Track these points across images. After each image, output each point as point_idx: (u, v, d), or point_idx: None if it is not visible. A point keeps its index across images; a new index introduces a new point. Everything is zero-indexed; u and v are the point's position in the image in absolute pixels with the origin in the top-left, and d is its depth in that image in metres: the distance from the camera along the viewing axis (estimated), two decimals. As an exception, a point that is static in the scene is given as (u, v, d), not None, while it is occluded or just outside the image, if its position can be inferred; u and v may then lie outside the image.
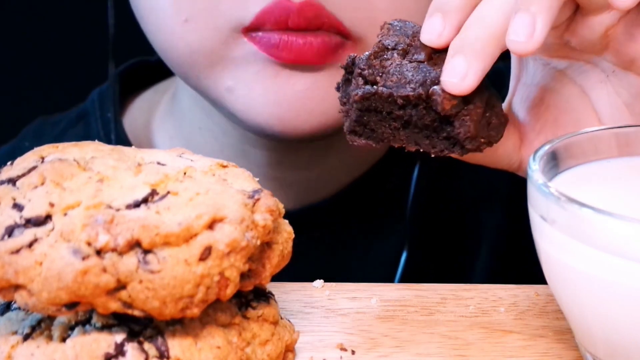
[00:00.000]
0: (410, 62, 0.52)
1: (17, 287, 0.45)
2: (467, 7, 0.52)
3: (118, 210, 0.45)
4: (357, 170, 0.80)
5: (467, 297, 0.57)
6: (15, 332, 0.47)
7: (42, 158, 0.49)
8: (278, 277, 0.50)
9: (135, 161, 0.50)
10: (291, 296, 0.57)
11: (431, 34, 0.52)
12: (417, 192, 0.82)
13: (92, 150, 0.50)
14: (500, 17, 0.51)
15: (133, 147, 0.52)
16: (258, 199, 0.48)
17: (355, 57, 0.53)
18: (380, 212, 0.82)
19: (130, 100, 0.86)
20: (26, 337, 0.46)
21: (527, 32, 0.49)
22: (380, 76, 0.52)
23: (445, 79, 0.50)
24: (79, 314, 0.47)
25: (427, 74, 0.51)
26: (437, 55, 0.52)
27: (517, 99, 0.60)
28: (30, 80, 1.25)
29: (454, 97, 0.51)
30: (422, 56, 0.52)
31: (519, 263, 0.75)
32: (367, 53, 0.53)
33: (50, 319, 0.47)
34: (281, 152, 0.76)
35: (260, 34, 0.65)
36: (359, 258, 0.82)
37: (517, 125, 0.59)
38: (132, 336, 0.46)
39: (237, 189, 0.48)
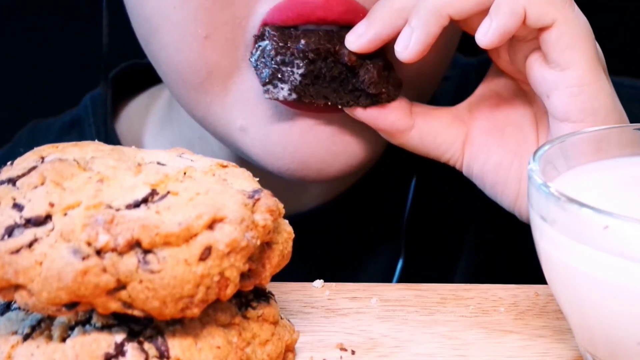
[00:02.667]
0: (317, 29, 0.61)
1: (17, 287, 0.45)
2: None
3: (118, 210, 0.45)
4: (355, 175, 0.80)
5: (467, 297, 0.57)
6: (15, 332, 0.47)
7: (42, 158, 0.49)
8: (278, 277, 0.50)
9: (135, 161, 0.50)
10: (291, 296, 0.57)
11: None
12: (414, 203, 0.82)
13: (92, 150, 0.50)
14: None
15: (133, 147, 0.52)
16: (258, 199, 0.48)
17: (267, 28, 0.61)
18: (377, 219, 0.82)
19: (124, 104, 0.84)
20: (26, 337, 0.46)
21: (404, 44, 0.58)
22: (292, 39, 0.60)
23: (347, 36, 0.60)
24: (79, 314, 0.47)
25: (333, 34, 0.60)
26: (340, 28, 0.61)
27: (475, 100, 0.64)
28: (23, 84, 1.25)
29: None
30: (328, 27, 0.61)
31: (519, 263, 0.75)
32: (273, 28, 0.61)
33: (50, 319, 0.47)
34: None
35: None
36: (357, 263, 0.82)
37: (466, 120, 0.63)
38: (132, 336, 0.46)
39: (237, 189, 0.48)
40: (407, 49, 0.58)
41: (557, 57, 0.57)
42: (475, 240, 0.84)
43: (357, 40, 0.59)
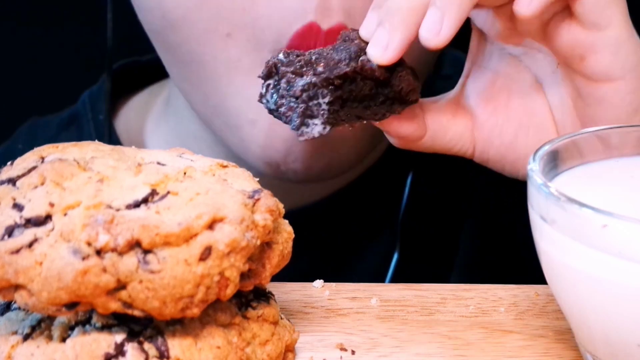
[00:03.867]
0: (328, 47, 0.56)
1: (17, 287, 0.45)
2: None
3: (118, 210, 0.45)
4: (353, 174, 0.80)
5: (467, 297, 0.57)
6: (15, 332, 0.47)
7: (42, 158, 0.49)
8: (278, 277, 0.50)
9: (135, 161, 0.50)
10: (291, 296, 0.57)
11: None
12: (410, 198, 0.82)
13: (92, 150, 0.50)
14: None
15: (133, 147, 0.52)
16: (258, 199, 0.48)
17: (274, 63, 0.55)
18: (373, 215, 0.82)
19: (123, 101, 0.85)
20: (26, 337, 0.46)
21: (435, 30, 0.53)
22: (307, 67, 0.54)
23: (370, 51, 0.54)
24: (79, 314, 0.47)
25: (349, 50, 0.55)
26: (350, 36, 0.56)
27: (471, 82, 0.62)
28: (21, 81, 1.25)
29: None
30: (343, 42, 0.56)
31: (519, 263, 0.75)
32: (281, 56, 0.55)
33: (50, 319, 0.47)
34: None
35: None
36: (355, 258, 0.82)
37: (468, 107, 0.61)
38: (132, 336, 0.46)
39: (237, 189, 0.48)
40: (438, 36, 0.53)
41: (596, 18, 0.55)
42: (471, 236, 0.85)
43: (384, 53, 0.54)
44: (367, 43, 0.56)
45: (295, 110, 0.54)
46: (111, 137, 0.80)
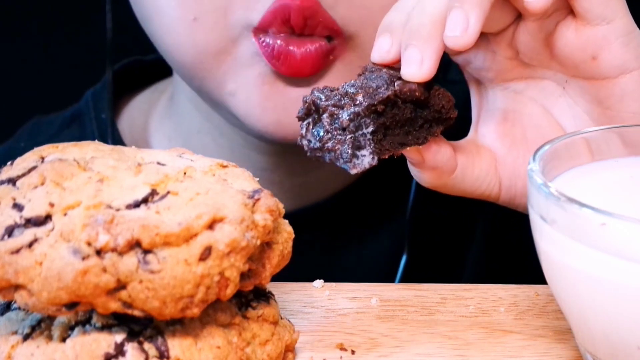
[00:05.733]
0: (358, 79, 0.54)
1: (17, 287, 0.45)
2: None
3: (118, 210, 0.45)
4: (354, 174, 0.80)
5: (467, 297, 0.57)
6: (15, 332, 0.47)
7: (42, 158, 0.49)
8: (278, 277, 0.50)
9: (135, 161, 0.50)
10: (291, 296, 0.57)
11: (381, 52, 0.55)
12: (417, 196, 0.82)
13: (92, 150, 0.50)
14: (439, 3, 0.53)
15: (133, 147, 0.52)
16: (258, 199, 0.48)
17: (312, 100, 0.53)
18: (378, 214, 0.82)
19: (126, 100, 0.86)
20: (26, 337, 0.46)
21: (461, 27, 0.52)
22: (345, 99, 0.52)
23: (406, 71, 0.53)
24: (79, 314, 0.47)
25: (384, 76, 0.54)
26: (373, 68, 0.55)
27: (482, 125, 0.61)
28: (26, 80, 1.25)
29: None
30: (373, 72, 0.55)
31: (519, 263, 0.75)
32: (317, 93, 0.53)
33: (50, 319, 0.47)
34: (279, 156, 0.76)
35: (267, 39, 0.66)
36: (358, 259, 0.82)
37: (487, 148, 0.60)
38: (132, 336, 0.46)
39: (237, 189, 0.48)
40: (466, 32, 0.52)
41: (602, 10, 0.54)
42: (476, 238, 0.85)
43: (420, 69, 0.53)
44: (394, 70, 0.55)
45: (344, 143, 0.52)
46: (114, 135, 0.81)
